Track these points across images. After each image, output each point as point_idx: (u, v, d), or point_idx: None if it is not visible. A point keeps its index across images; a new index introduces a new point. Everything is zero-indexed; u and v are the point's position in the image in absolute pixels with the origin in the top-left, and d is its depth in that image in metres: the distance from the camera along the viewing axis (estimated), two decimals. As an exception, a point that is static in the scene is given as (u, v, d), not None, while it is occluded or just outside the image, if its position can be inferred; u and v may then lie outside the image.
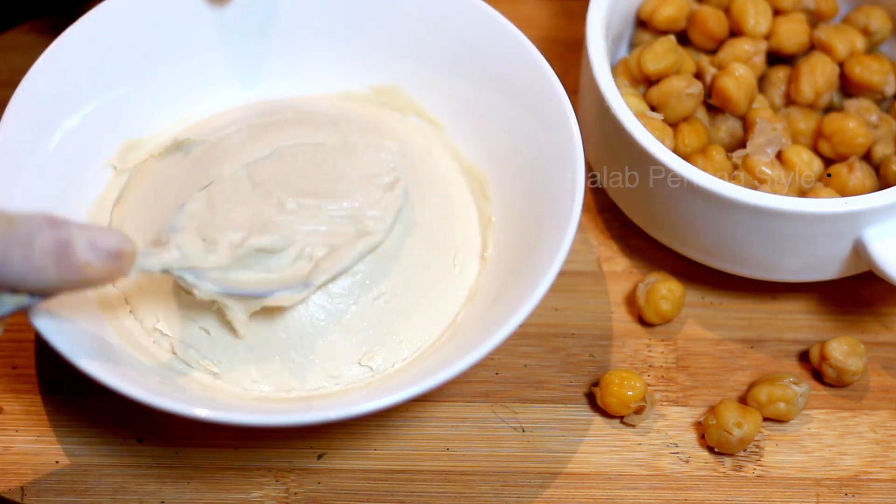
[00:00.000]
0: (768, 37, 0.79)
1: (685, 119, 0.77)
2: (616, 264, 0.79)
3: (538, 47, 0.73)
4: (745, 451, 0.73)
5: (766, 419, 0.73)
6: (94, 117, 0.73)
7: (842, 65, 0.79)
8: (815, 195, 0.74)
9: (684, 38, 0.81)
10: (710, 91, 0.78)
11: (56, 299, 0.67)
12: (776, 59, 0.80)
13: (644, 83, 0.78)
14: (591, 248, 0.80)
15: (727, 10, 0.80)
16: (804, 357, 0.76)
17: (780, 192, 0.73)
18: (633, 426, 0.74)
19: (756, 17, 0.79)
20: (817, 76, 0.77)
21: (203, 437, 0.72)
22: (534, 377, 0.75)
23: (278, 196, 0.70)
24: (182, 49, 0.76)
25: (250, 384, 0.69)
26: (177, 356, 0.69)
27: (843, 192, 0.74)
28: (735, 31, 0.79)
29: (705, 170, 0.73)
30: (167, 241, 0.66)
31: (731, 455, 0.73)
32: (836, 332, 0.77)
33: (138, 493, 0.71)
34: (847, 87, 0.79)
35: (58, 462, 0.71)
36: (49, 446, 0.72)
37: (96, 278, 0.58)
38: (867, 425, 0.74)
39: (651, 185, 0.74)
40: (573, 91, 0.79)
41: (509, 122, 0.74)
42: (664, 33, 0.79)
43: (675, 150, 0.75)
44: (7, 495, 0.70)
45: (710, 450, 0.73)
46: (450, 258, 0.72)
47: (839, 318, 0.78)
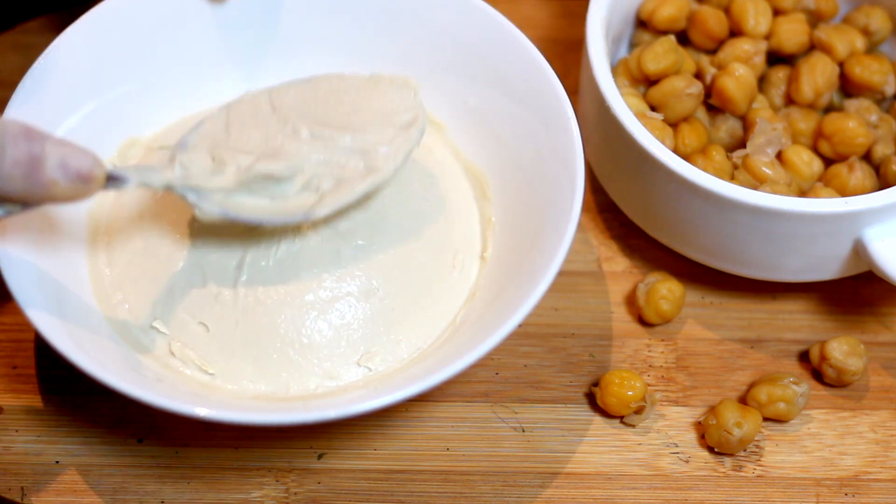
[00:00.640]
0: (768, 37, 0.79)
1: (685, 119, 0.77)
2: (616, 264, 0.79)
3: (538, 47, 0.73)
4: (745, 451, 0.73)
5: (766, 419, 0.73)
6: (94, 117, 0.73)
7: (842, 65, 0.79)
8: (815, 195, 0.74)
9: (684, 38, 0.81)
10: (710, 91, 0.77)
11: (56, 298, 0.67)
12: (776, 59, 0.80)
13: (644, 83, 0.78)
14: (591, 248, 0.80)
15: (727, 10, 0.80)
16: (804, 357, 0.76)
17: (780, 192, 0.73)
18: (633, 426, 0.74)
19: (756, 17, 0.79)
20: (817, 76, 0.77)
21: (203, 437, 0.72)
22: (534, 377, 0.75)
23: (294, 123, 0.70)
24: (182, 48, 0.76)
25: (247, 384, 0.69)
26: (173, 355, 0.69)
27: (843, 192, 0.74)
28: (735, 31, 0.79)
29: (705, 170, 0.73)
30: (173, 158, 0.67)
31: (731, 455, 0.73)
32: (836, 332, 0.77)
33: (138, 493, 0.71)
34: (847, 87, 0.79)
35: (58, 462, 0.71)
36: (49, 446, 0.72)
37: (61, 196, 0.58)
38: (867, 425, 0.74)
39: (651, 185, 0.74)
40: (573, 91, 0.79)
41: (509, 123, 0.74)
42: (664, 33, 0.79)
43: (675, 150, 0.75)
44: (7, 495, 0.70)
45: (710, 450, 0.73)
46: (449, 259, 0.72)
47: (839, 318, 0.78)
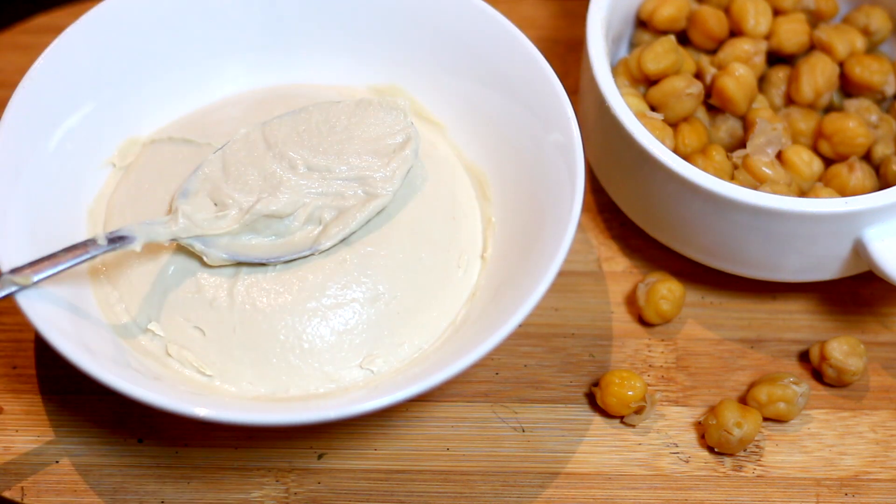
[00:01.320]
0: (768, 37, 0.79)
1: (685, 119, 0.77)
2: (616, 264, 0.79)
3: (538, 47, 0.73)
4: (745, 451, 0.73)
5: (766, 419, 0.73)
6: (94, 116, 0.73)
7: (842, 65, 0.79)
8: (815, 195, 0.74)
9: (684, 38, 0.81)
10: (710, 91, 0.77)
11: (55, 296, 0.67)
12: (776, 59, 0.80)
13: (644, 83, 0.78)
14: (591, 248, 0.80)
15: (727, 10, 0.80)
16: (804, 357, 0.76)
17: (780, 192, 0.73)
18: (633, 426, 0.74)
19: (756, 17, 0.79)
20: (817, 76, 0.77)
21: (203, 437, 0.72)
22: (534, 377, 0.75)
23: (290, 157, 0.71)
24: (182, 48, 0.76)
25: (247, 385, 0.69)
26: (171, 356, 0.69)
27: (843, 192, 0.74)
28: (735, 31, 0.79)
29: (705, 170, 0.73)
30: (176, 210, 0.69)
31: (731, 455, 0.73)
32: (836, 332, 0.77)
33: (138, 493, 0.71)
34: (847, 87, 0.79)
35: (58, 462, 0.71)
36: (49, 446, 0.72)
37: None
38: (867, 425, 0.74)
39: (651, 185, 0.74)
40: (573, 91, 0.79)
41: (509, 123, 0.74)
42: (664, 33, 0.79)
43: (675, 150, 0.75)
44: (7, 495, 0.70)
45: (710, 450, 0.73)
46: (455, 260, 0.72)
47: (839, 318, 0.78)
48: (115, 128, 0.75)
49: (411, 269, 0.71)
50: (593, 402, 0.74)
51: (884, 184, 0.76)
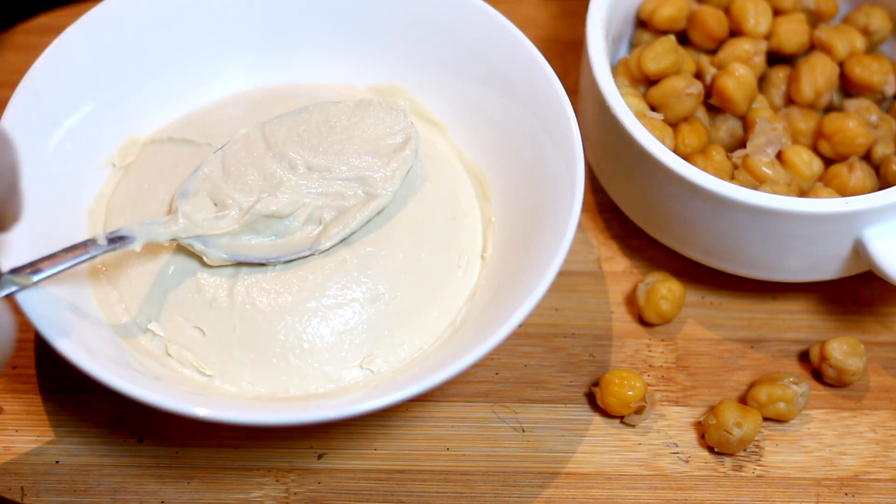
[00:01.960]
0: (768, 37, 0.79)
1: (685, 119, 0.77)
2: (616, 264, 0.79)
3: (538, 47, 0.73)
4: (745, 451, 0.73)
5: (766, 419, 0.73)
6: (94, 116, 0.73)
7: (842, 65, 0.79)
8: (815, 195, 0.74)
9: (684, 38, 0.81)
10: (710, 91, 0.77)
11: (55, 296, 0.67)
12: (776, 59, 0.80)
13: (644, 83, 0.78)
14: (591, 248, 0.80)
15: (727, 10, 0.80)
16: (804, 357, 0.76)
17: (780, 192, 0.73)
18: (633, 426, 0.74)
19: (756, 17, 0.79)
20: (817, 76, 0.77)
21: (203, 437, 0.72)
22: (534, 377, 0.75)
23: (290, 157, 0.71)
24: (182, 48, 0.76)
25: (246, 385, 0.69)
26: (171, 356, 0.69)
27: (843, 192, 0.74)
28: (735, 31, 0.79)
29: (705, 170, 0.73)
30: (176, 210, 0.69)
31: (731, 455, 0.73)
32: (836, 332, 0.77)
33: (138, 493, 0.70)
34: (847, 87, 0.79)
35: (58, 462, 0.71)
36: (49, 446, 0.72)
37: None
38: (867, 425, 0.74)
39: (651, 185, 0.74)
40: (573, 91, 0.79)
41: (509, 123, 0.74)
42: (664, 33, 0.79)
43: (675, 150, 0.75)
44: (7, 495, 0.70)
45: (710, 450, 0.73)
46: (454, 260, 0.72)
47: (839, 318, 0.78)
48: (115, 128, 0.75)
49: (411, 270, 0.71)
50: (593, 402, 0.74)
51: (884, 184, 0.76)
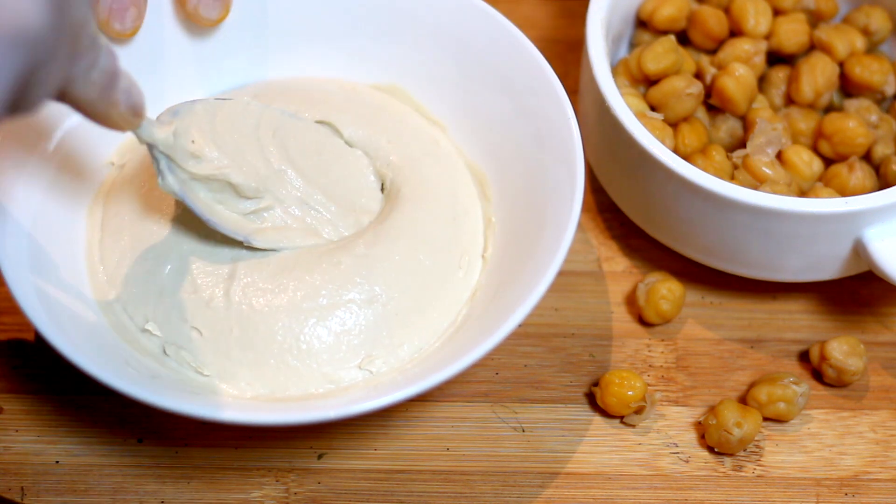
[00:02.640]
0: (768, 37, 0.79)
1: (685, 119, 0.77)
2: (616, 264, 0.79)
3: (538, 47, 0.73)
4: (745, 451, 0.73)
5: (766, 419, 0.73)
6: None
7: (842, 65, 0.79)
8: (815, 195, 0.74)
9: (684, 38, 0.81)
10: (710, 91, 0.77)
11: (55, 298, 0.67)
12: (776, 59, 0.80)
13: (644, 83, 0.78)
14: (591, 248, 0.80)
15: (727, 10, 0.80)
16: (804, 357, 0.76)
17: (780, 192, 0.73)
18: (633, 426, 0.74)
19: (756, 17, 0.79)
20: (817, 76, 0.77)
21: (203, 437, 0.72)
22: (534, 377, 0.75)
23: (270, 153, 0.71)
24: (182, 47, 0.76)
25: (245, 386, 0.69)
26: (168, 356, 0.69)
27: (843, 192, 0.74)
28: (735, 31, 0.79)
29: (705, 170, 0.73)
30: (169, 123, 0.68)
31: (731, 455, 0.73)
32: (836, 332, 0.77)
33: (138, 493, 0.70)
34: (847, 87, 0.79)
35: (58, 462, 0.71)
36: (49, 446, 0.72)
37: (111, 119, 0.62)
38: (867, 425, 0.74)
39: (651, 185, 0.74)
40: (573, 91, 0.79)
41: (509, 123, 0.74)
42: (664, 33, 0.79)
43: (675, 150, 0.75)
44: (7, 495, 0.70)
45: (710, 450, 0.73)
46: (455, 260, 0.72)
47: (839, 318, 0.78)
48: None
49: (410, 270, 0.71)
50: (593, 402, 0.74)
51: (884, 184, 0.76)
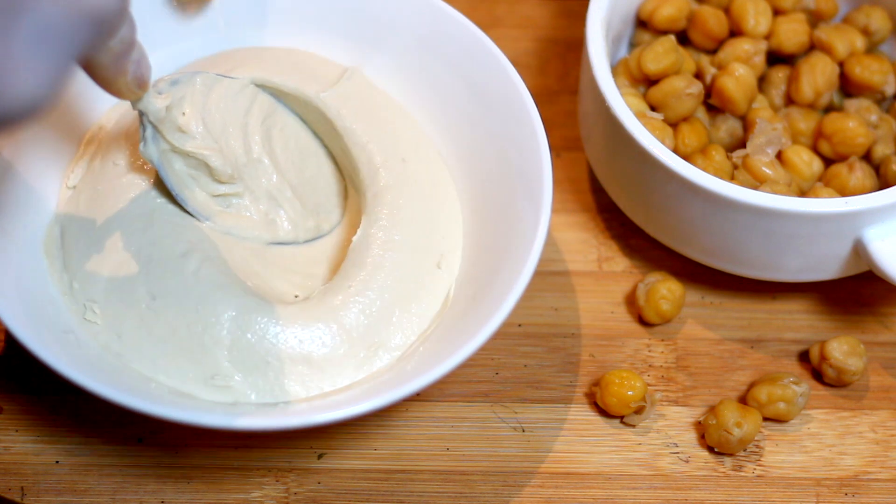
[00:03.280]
0: (768, 37, 0.79)
1: (685, 119, 0.77)
2: (616, 264, 0.79)
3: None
4: (745, 451, 0.73)
5: (766, 419, 0.73)
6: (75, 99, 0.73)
7: (842, 65, 0.79)
8: (815, 195, 0.74)
9: (684, 38, 0.81)
10: (710, 91, 0.78)
11: (44, 317, 0.67)
12: (776, 59, 0.80)
13: (644, 83, 0.78)
14: (591, 248, 0.80)
15: (727, 10, 0.80)
16: (804, 357, 0.76)
17: (780, 192, 0.73)
18: (633, 426, 0.74)
19: (756, 17, 0.79)
20: (817, 76, 0.77)
21: (203, 437, 0.72)
22: (534, 377, 0.75)
23: (252, 142, 0.72)
24: (182, 45, 0.75)
25: (236, 391, 0.68)
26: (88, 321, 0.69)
27: (843, 192, 0.74)
28: (735, 31, 0.79)
29: (705, 170, 0.73)
30: (167, 94, 0.68)
31: (731, 455, 0.73)
32: (836, 332, 0.77)
33: (138, 493, 0.71)
34: (847, 87, 0.79)
35: (58, 462, 0.71)
36: (49, 446, 0.72)
37: (117, 87, 0.63)
38: (867, 425, 0.74)
39: (651, 185, 0.74)
40: (573, 91, 0.79)
41: (477, 121, 0.74)
42: (664, 33, 0.79)
43: (675, 150, 0.75)
44: (7, 495, 0.70)
45: (710, 450, 0.73)
46: (434, 261, 0.72)
47: (839, 318, 0.78)
48: (91, 111, 0.74)
49: (392, 269, 0.70)
50: (593, 402, 0.74)
51: (884, 184, 0.76)
